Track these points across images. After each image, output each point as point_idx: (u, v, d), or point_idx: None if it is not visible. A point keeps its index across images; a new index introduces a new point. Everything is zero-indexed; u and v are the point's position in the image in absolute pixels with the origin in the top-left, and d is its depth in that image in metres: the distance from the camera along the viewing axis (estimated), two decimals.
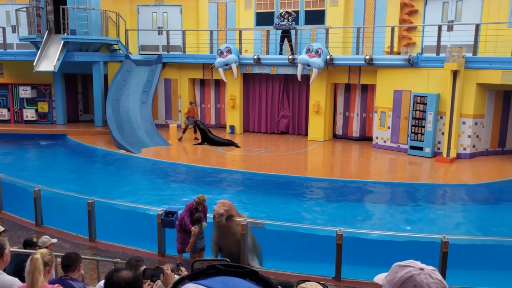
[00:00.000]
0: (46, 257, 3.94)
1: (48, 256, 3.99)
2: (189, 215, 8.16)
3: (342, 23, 18.43)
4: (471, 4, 16.44)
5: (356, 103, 18.20)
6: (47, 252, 4.09)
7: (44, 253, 4.01)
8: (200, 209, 8.21)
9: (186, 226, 8.05)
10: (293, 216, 10.80)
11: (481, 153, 15.59)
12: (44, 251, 4.07)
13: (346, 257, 7.62)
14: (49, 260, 3.98)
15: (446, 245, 7.21)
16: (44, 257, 3.90)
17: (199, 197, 8.25)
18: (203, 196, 8.28)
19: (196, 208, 8.18)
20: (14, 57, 20.29)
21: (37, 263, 3.78)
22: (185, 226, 8.08)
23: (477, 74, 14.61)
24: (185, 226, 8.09)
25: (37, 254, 3.89)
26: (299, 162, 15.15)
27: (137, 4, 21.72)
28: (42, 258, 3.86)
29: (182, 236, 8.21)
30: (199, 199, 8.21)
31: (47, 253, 4.06)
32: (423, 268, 1.64)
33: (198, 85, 21.02)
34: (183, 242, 8.20)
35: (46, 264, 3.89)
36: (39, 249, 4.46)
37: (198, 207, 8.19)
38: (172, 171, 14.68)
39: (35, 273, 3.74)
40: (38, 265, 3.78)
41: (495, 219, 11.12)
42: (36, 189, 9.91)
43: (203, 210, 8.27)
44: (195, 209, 8.17)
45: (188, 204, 8.29)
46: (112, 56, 20.65)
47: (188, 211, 8.19)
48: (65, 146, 18.33)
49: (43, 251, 4.06)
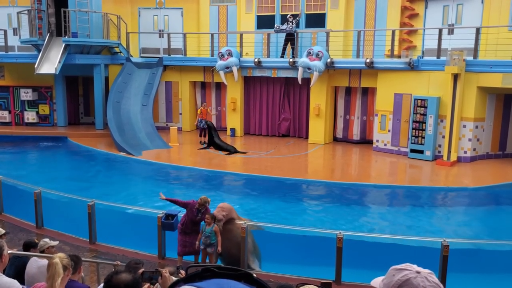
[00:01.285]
0: (64, 260, 4.00)
1: (66, 260, 4.04)
2: (188, 214, 8.12)
3: (342, 26, 18.46)
4: (471, 7, 16.47)
5: (357, 106, 18.21)
6: (64, 256, 4.14)
7: (62, 257, 4.06)
8: (203, 211, 8.13)
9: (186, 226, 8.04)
10: (293, 219, 10.80)
11: (482, 156, 15.58)
12: (62, 255, 4.13)
13: (346, 260, 7.61)
14: (67, 264, 4.03)
15: (447, 248, 7.21)
16: (62, 260, 3.95)
17: (201, 198, 8.15)
18: (205, 198, 8.18)
19: (198, 209, 8.14)
20: (15, 59, 20.34)
21: (57, 267, 3.82)
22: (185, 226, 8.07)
23: (477, 77, 14.62)
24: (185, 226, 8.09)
25: (55, 258, 3.94)
26: (300, 165, 15.15)
27: (138, 7, 21.78)
28: (61, 262, 3.91)
29: (183, 239, 8.19)
30: (202, 200, 8.12)
31: (64, 257, 4.11)
32: (420, 271, 1.64)
33: (199, 87, 21.05)
34: (184, 245, 8.18)
35: (65, 268, 3.94)
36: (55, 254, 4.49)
37: (201, 209, 8.14)
38: (173, 173, 14.69)
39: (55, 277, 3.79)
40: (58, 269, 3.83)
41: (496, 222, 11.11)
42: (36, 191, 9.92)
43: (206, 212, 8.15)
44: (197, 210, 8.13)
45: (191, 202, 8.22)
46: (113, 59, 20.69)
47: (190, 210, 8.14)
48: (66, 149, 18.35)
49: (61, 255, 4.11)
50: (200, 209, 8.13)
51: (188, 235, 8.16)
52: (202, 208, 8.13)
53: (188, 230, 8.19)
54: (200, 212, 8.12)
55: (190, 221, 8.16)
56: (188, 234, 8.18)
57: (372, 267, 7.64)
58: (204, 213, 8.10)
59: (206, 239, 7.84)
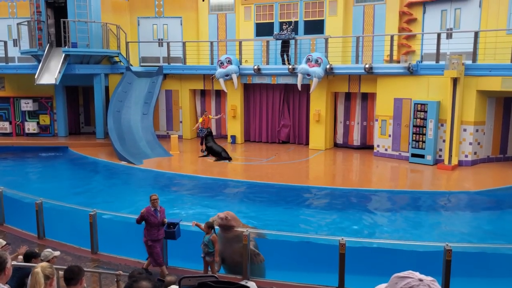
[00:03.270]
0: (46, 270, 3.93)
1: (48, 269, 3.98)
2: (150, 222, 8.15)
3: (341, 32, 18.53)
4: (469, 11, 16.52)
5: (357, 111, 18.23)
6: (47, 265, 4.09)
7: (45, 266, 4.00)
8: (159, 209, 8.23)
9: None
10: (295, 225, 10.78)
11: (483, 160, 15.57)
12: (45, 265, 4.07)
13: (349, 266, 7.59)
14: (50, 273, 3.96)
15: (450, 253, 7.18)
16: (44, 270, 3.90)
17: (151, 196, 8.24)
18: (154, 195, 8.28)
19: (155, 209, 8.19)
20: (15, 70, 20.41)
21: (37, 277, 3.78)
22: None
23: (477, 81, 14.64)
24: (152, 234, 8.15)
25: (37, 268, 3.89)
26: (301, 171, 15.14)
27: (137, 17, 21.88)
28: (43, 271, 3.86)
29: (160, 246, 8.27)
30: (151, 198, 8.20)
31: (47, 266, 4.05)
32: (422, 279, 1.64)
33: (199, 95, 21.10)
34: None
35: (47, 278, 3.89)
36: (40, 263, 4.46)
37: (156, 207, 8.20)
38: (174, 182, 14.67)
39: (35, 286, 3.74)
40: (38, 279, 3.78)
41: (498, 226, 11.07)
42: (38, 202, 9.91)
43: (161, 210, 8.30)
44: (154, 210, 8.18)
45: (144, 210, 8.18)
46: (113, 68, 20.76)
47: (149, 216, 8.14)
48: (67, 159, 18.36)
49: (44, 265, 4.05)
50: (156, 208, 8.21)
51: (154, 241, 8.20)
52: (155, 206, 8.21)
53: (161, 236, 8.27)
54: (158, 211, 8.21)
55: (155, 227, 8.18)
56: (159, 241, 8.24)
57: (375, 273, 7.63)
58: (161, 210, 8.25)
59: (204, 247, 7.84)
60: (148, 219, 8.14)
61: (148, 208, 8.19)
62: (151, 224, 8.16)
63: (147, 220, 8.15)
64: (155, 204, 8.21)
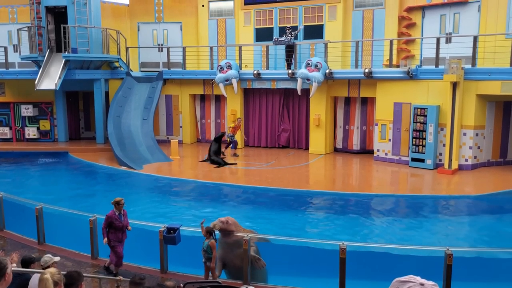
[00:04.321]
0: (55, 276, 3.93)
1: (57, 275, 3.98)
2: (114, 226, 8.19)
3: (340, 37, 18.57)
4: (468, 16, 16.56)
5: (356, 116, 18.24)
6: (56, 271, 4.08)
7: (53, 272, 3.99)
8: (122, 213, 8.30)
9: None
10: (296, 230, 10.77)
11: (483, 164, 15.57)
12: (53, 271, 4.06)
13: (350, 271, 7.57)
14: (58, 279, 3.96)
15: (450, 257, 7.17)
16: (53, 276, 3.90)
17: (116, 200, 8.27)
18: (116, 199, 8.33)
19: (119, 214, 8.25)
20: (16, 76, 20.44)
21: (47, 283, 3.78)
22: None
23: (476, 85, 14.66)
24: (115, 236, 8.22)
25: (46, 274, 3.88)
26: (301, 176, 15.13)
27: (137, 22, 21.94)
28: (52, 277, 3.86)
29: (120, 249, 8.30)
30: (114, 202, 8.25)
31: (56, 272, 4.04)
32: (424, 283, 1.64)
33: (198, 100, 21.13)
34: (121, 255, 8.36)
35: (55, 284, 3.89)
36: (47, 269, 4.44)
37: (119, 211, 8.25)
38: (174, 186, 14.67)
39: None
40: (48, 285, 3.78)
41: (499, 230, 11.05)
42: (38, 207, 9.91)
43: (125, 213, 8.38)
44: (119, 215, 8.24)
45: (108, 215, 8.23)
46: (113, 74, 20.80)
47: (113, 221, 8.18)
48: (67, 164, 18.36)
49: (52, 271, 4.04)
50: (120, 212, 8.27)
51: (122, 243, 8.28)
52: (119, 210, 8.26)
53: (124, 238, 8.34)
54: (122, 215, 8.30)
55: (119, 230, 8.25)
56: (123, 242, 8.32)
57: (376, 277, 7.62)
58: (124, 214, 8.35)
59: (204, 253, 7.84)
60: (113, 223, 8.23)
61: (112, 213, 8.26)
62: (116, 228, 8.25)
63: (112, 224, 8.23)
64: (120, 208, 8.29)
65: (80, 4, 19.06)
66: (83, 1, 19.13)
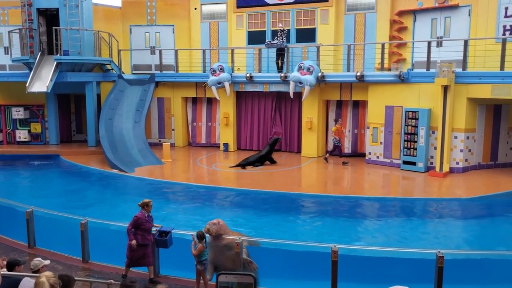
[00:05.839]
0: (51, 279, 3.94)
1: (53, 279, 3.98)
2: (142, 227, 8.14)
3: (332, 40, 18.65)
4: (459, 20, 16.71)
5: (348, 119, 18.31)
6: (51, 274, 4.08)
7: (49, 275, 4.00)
8: (151, 215, 8.25)
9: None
10: (287, 233, 10.76)
11: (474, 167, 15.69)
12: (49, 274, 4.06)
13: (342, 274, 7.57)
14: (54, 282, 3.97)
15: (442, 260, 7.20)
16: (49, 279, 3.90)
17: (142, 203, 8.19)
18: (146, 200, 8.26)
19: (149, 215, 8.19)
20: (6, 78, 20.32)
21: (43, 287, 3.77)
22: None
23: (467, 88, 14.78)
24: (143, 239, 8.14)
25: (42, 277, 3.89)
26: (293, 179, 15.15)
27: (129, 25, 21.88)
28: (48, 281, 3.86)
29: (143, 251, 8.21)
30: (143, 203, 8.17)
31: (51, 275, 4.05)
32: None
33: (190, 103, 21.11)
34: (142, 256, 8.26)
35: (52, 287, 3.88)
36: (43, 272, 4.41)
37: (148, 214, 8.20)
38: (166, 190, 14.61)
39: None
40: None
41: (490, 232, 11.13)
42: (28, 211, 9.81)
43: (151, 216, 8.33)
44: (148, 216, 8.19)
45: (136, 217, 8.14)
46: (105, 76, 20.73)
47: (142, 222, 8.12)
48: (58, 167, 18.24)
49: (48, 274, 4.05)
50: (149, 214, 8.21)
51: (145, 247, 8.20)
52: (148, 212, 8.20)
53: (146, 241, 8.23)
54: (150, 217, 8.24)
55: (146, 232, 8.18)
56: (146, 246, 8.23)
57: (368, 280, 7.63)
58: (151, 216, 8.28)
59: (195, 256, 7.80)
60: (143, 225, 8.12)
61: (141, 214, 8.16)
62: (145, 230, 8.14)
63: (142, 225, 8.12)
64: (149, 210, 8.21)
65: (72, 7, 18.99)
66: (75, 4, 19.07)
